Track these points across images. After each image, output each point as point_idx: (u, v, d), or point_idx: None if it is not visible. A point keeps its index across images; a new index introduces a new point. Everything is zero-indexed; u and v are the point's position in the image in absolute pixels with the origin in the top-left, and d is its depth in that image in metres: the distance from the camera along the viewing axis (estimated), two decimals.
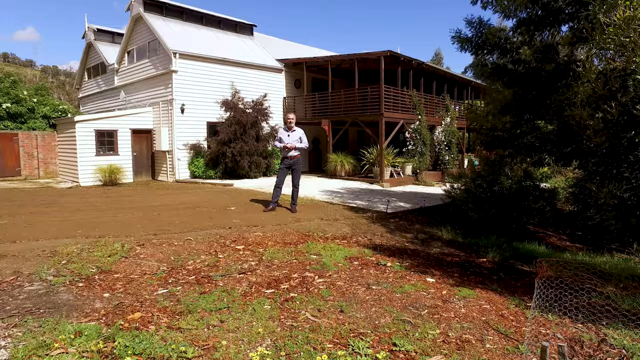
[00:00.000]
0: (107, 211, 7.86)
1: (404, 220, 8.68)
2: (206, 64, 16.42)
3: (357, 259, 5.12)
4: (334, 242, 6.04)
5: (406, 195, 12.30)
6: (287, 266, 4.51)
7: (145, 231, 5.87)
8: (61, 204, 8.88)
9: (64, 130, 16.73)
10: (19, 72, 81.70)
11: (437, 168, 18.69)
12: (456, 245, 6.96)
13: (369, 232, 7.19)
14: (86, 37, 22.36)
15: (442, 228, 7.94)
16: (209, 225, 6.49)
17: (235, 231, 6.09)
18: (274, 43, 22.58)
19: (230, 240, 5.48)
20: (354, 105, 16.30)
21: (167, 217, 7.20)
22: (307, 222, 7.32)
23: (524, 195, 7.55)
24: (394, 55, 15.29)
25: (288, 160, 8.24)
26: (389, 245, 6.31)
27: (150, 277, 3.92)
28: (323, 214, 8.43)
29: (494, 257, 6.16)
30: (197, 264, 4.46)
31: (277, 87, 19.11)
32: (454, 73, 20.21)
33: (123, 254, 4.52)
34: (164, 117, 16.16)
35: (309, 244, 5.65)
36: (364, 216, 8.47)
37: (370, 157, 16.29)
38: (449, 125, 18.92)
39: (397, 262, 5.11)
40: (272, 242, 5.64)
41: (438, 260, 5.61)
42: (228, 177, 15.54)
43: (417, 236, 7.32)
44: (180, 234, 5.79)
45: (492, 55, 8.75)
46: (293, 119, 8.18)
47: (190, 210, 8.11)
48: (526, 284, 4.50)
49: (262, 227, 6.71)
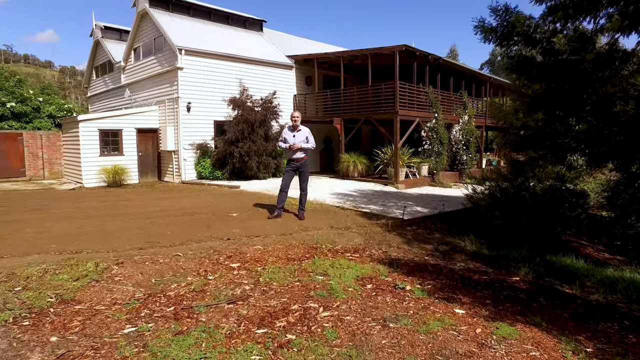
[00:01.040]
0: (96, 219, 7.24)
1: (422, 228, 7.91)
2: (213, 60, 15.80)
3: (371, 280, 4.39)
4: (344, 257, 5.32)
5: (423, 199, 11.51)
6: (288, 291, 3.81)
7: (130, 244, 5.23)
8: (50, 209, 8.32)
9: (69, 129, 16.30)
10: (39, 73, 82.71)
11: (454, 168, 17.83)
12: (482, 258, 6.19)
13: (384, 242, 6.45)
14: (94, 35, 21.95)
15: (465, 237, 7.16)
16: (205, 237, 5.82)
17: (233, 244, 5.41)
18: (284, 39, 21.89)
19: (225, 256, 4.80)
20: (367, 102, 15.52)
21: (160, 226, 6.55)
22: (315, 232, 6.62)
23: (559, 202, 6.73)
24: (409, 49, 14.47)
25: (294, 163, 7.54)
26: (407, 260, 5.57)
27: (120, 308, 3.26)
28: (333, 221, 7.72)
29: (527, 274, 5.38)
30: (181, 288, 3.79)
31: (287, 85, 18.42)
32: (473, 69, 19.29)
33: (95, 276, 3.88)
34: (170, 115, 15.60)
35: (315, 260, 4.94)
36: (378, 223, 7.73)
37: (384, 157, 15.51)
38: (466, 124, 18.02)
39: (418, 284, 4.37)
40: (274, 257, 4.94)
41: (464, 279, 4.85)
42: (236, 178, 14.91)
43: (437, 248, 6.56)
44: (170, 247, 5.13)
45: (518, 46, 7.95)
46: (298, 117, 7.47)
47: (188, 217, 7.46)
48: (575, 315, 3.73)
49: (264, 237, 6.02)
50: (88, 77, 24.38)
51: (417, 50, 14.74)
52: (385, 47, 14.92)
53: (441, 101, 16.57)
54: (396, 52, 14.42)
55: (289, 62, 18.36)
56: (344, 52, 16.73)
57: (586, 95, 6.95)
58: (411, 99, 15.22)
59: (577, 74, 6.94)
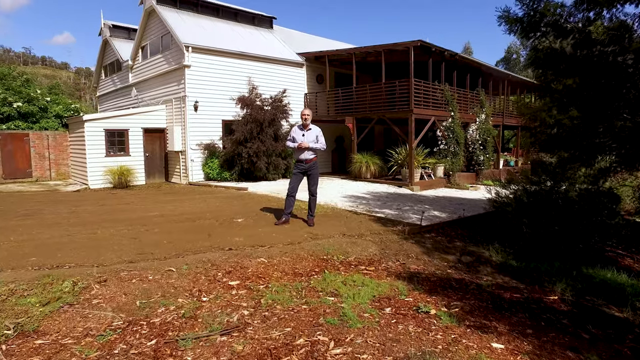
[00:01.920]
0: (89, 225, 6.73)
1: (442, 235, 7.30)
2: (221, 58, 15.32)
3: (389, 301, 3.82)
4: (358, 271, 4.76)
5: (440, 202, 10.87)
6: (293, 317, 3.26)
7: (120, 256, 4.73)
8: (44, 214, 7.86)
9: (75, 129, 15.98)
10: (55, 75, 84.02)
11: (470, 169, 17.11)
12: (510, 271, 5.57)
13: (402, 252, 5.87)
14: (102, 34, 21.68)
15: (489, 246, 6.54)
16: (204, 247, 5.30)
17: (234, 256, 4.86)
18: (295, 37, 21.37)
19: (224, 272, 4.26)
20: (380, 101, 14.89)
21: (156, 235, 6.03)
22: (326, 240, 6.06)
23: (596, 208, 6.07)
24: (424, 45, 13.81)
25: (303, 165, 6.98)
26: (428, 274, 4.98)
27: (91, 342, 2.74)
28: (345, 227, 7.15)
29: (565, 291, 4.76)
30: (169, 313, 3.26)
31: (297, 83, 17.88)
32: (490, 65, 18.51)
33: (69, 299, 3.37)
34: (177, 115, 15.17)
35: (325, 276, 4.38)
36: (394, 230, 7.14)
37: (398, 158, 14.87)
38: (484, 123, 17.28)
39: (443, 306, 3.79)
40: (279, 272, 4.39)
41: (494, 299, 4.25)
42: (244, 180, 14.42)
43: (460, 259, 5.95)
44: (164, 260, 4.61)
45: (546, 37, 7.30)
46: (309, 115, 6.90)
47: (189, 223, 6.95)
48: (638, 351, 3.11)
49: (269, 247, 5.48)
50: (97, 77, 24.16)
51: (432, 45, 14.08)
52: (399, 43, 14.29)
53: (457, 99, 15.87)
54: (411, 48, 13.78)
55: (299, 59, 17.83)
56: (356, 49, 16.12)
57: (625, 90, 6.29)
58: (426, 97, 14.56)
59: (614, 67, 6.28)
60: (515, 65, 45.47)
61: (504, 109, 20.10)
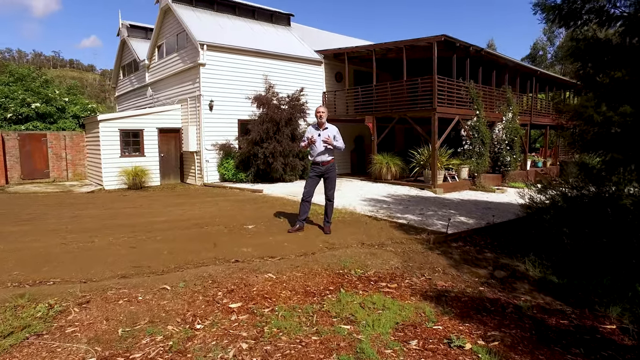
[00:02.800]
0: (88, 232, 6.29)
1: (470, 244, 6.65)
2: (237, 56, 14.92)
3: (415, 329, 3.25)
4: (378, 289, 4.19)
5: (465, 206, 10.18)
6: (300, 355, 2.72)
7: (113, 270, 4.27)
8: (45, 218, 7.50)
9: (91, 130, 15.83)
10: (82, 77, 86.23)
11: (495, 170, 16.29)
12: (551, 289, 4.90)
13: (427, 265, 5.27)
14: (120, 34, 21.60)
15: (524, 259, 5.87)
16: (208, 258, 4.81)
17: (240, 270, 4.35)
18: (313, 34, 20.85)
19: (226, 291, 3.75)
20: (402, 99, 14.23)
21: (157, 243, 5.56)
22: (343, 250, 5.50)
23: None
24: (448, 40, 13.11)
25: (319, 167, 6.43)
26: (458, 293, 4.37)
27: None
28: (365, 235, 6.58)
29: (621, 316, 4.09)
30: (154, 345, 2.76)
31: (316, 81, 17.36)
32: (517, 61, 17.60)
33: (39, 327, 2.89)
34: (192, 114, 14.83)
35: (341, 296, 3.83)
36: (418, 239, 6.53)
37: (420, 159, 14.18)
38: (510, 122, 16.42)
39: (480, 337, 3.19)
40: (288, 291, 3.86)
41: (538, 326, 3.63)
42: (260, 181, 13.98)
43: (493, 273, 5.31)
44: (160, 275, 4.13)
45: (589, 25, 6.58)
46: (324, 113, 6.34)
47: (196, 230, 6.48)
48: None
49: (280, 259, 4.96)
50: (115, 77, 24.15)
51: (457, 40, 13.35)
52: (421, 39, 13.61)
53: (482, 97, 15.07)
54: (434, 44, 13.10)
55: (317, 57, 17.30)
56: (377, 45, 15.47)
57: None
58: (450, 95, 13.84)
59: None
60: (541, 62, 43.98)
61: (532, 107, 19.16)
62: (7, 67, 17.86)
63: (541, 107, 20.72)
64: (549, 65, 43.86)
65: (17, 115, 15.91)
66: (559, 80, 22.20)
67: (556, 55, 45.10)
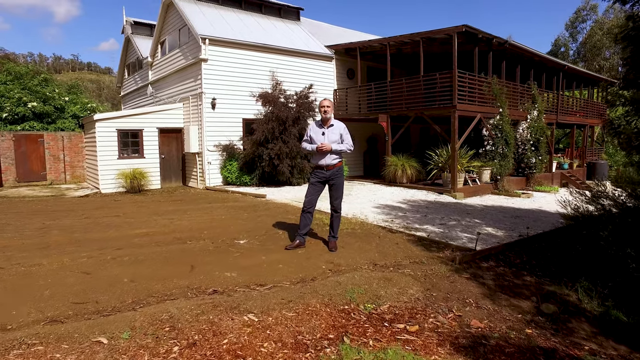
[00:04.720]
0: (45, 250, 5.27)
1: (504, 264, 5.55)
2: (242, 51, 13.98)
3: None
4: (393, 335, 3.16)
5: (491, 214, 9.06)
6: None
7: (42, 309, 3.24)
8: (5, 232, 6.56)
9: (89, 130, 15.06)
10: (99, 79, 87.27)
11: (519, 173, 15.06)
12: (619, 330, 3.81)
13: (454, 296, 4.21)
14: (125, 32, 20.90)
15: (575, 284, 4.77)
16: (178, 288, 3.81)
17: (214, 308, 3.34)
18: (323, 29, 19.86)
19: (186, 344, 2.74)
20: (418, 96, 13.12)
21: (120, 267, 4.52)
22: (351, 275, 4.48)
23: None
24: (470, 31, 11.98)
25: (323, 172, 5.39)
26: (499, 340, 3.31)
27: None
28: (377, 252, 5.55)
29: None
30: None
31: (326, 78, 16.34)
32: (544, 54, 16.31)
33: None
34: (194, 113, 13.94)
35: (344, 351, 2.80)
36: (441, 257, 5.47)
37: (438, 161, 13.04)
38: (536, 120, 15.17)
39: None
40: (272, 343, 2.85)
41: None
42: (265, 184, 13.02)
43: (539, 306, 4.22)
44: (105, 316, 3.12)
45: None
46: (329, 107, 5.31)
47: (176, 246, 5.49)
48: None
49: (270, 288, 3.95)
50: (120, 76, 23.50)
51: (479, 31, 12.21)
52: (440, 30, 12.50)
53: (506, 94, 13.87)
54: (454, 35, 11.98)
55: (328, 52, 16.28)
56: (391, 39, 14.37)
57: None
58: (472, 92, 12.69)
59: None
60: (563, 58, 42.32)
61: (558, 104, 17.84)
62: (5, 66, 17.20)
63: (567, 105, 19.38)
64: (572, 62, 42.23)
65: (13, 115, 15.21)
66: (589, 76, 20.82)
67: (579, 53, 43.35)
